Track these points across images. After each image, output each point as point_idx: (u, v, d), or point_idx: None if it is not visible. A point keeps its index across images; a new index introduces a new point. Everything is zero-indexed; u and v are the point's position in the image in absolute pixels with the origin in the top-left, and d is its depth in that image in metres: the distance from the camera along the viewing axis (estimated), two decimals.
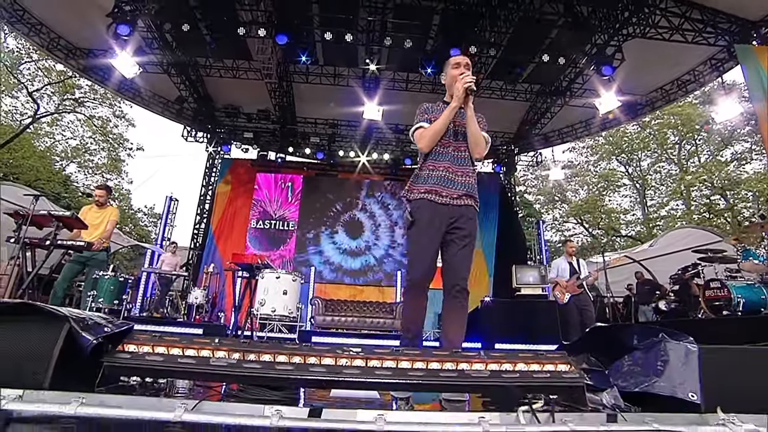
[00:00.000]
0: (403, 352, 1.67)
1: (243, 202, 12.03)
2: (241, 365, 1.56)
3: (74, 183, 18.49)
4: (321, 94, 10.93)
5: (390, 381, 1.53)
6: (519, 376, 1.57)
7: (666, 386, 1.63)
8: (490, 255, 11.76)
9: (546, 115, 11.39)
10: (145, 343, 1.64)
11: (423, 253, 2.16)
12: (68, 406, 1.25)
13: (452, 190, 2.19)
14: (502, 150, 12.89)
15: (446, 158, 2.22)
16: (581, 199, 23.77)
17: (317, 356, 1.63)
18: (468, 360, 1.67)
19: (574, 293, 5.33)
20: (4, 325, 1.44)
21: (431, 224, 2.15)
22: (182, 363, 1.55)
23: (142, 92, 10.96)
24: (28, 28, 8.69)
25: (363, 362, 1.63)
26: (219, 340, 1.68)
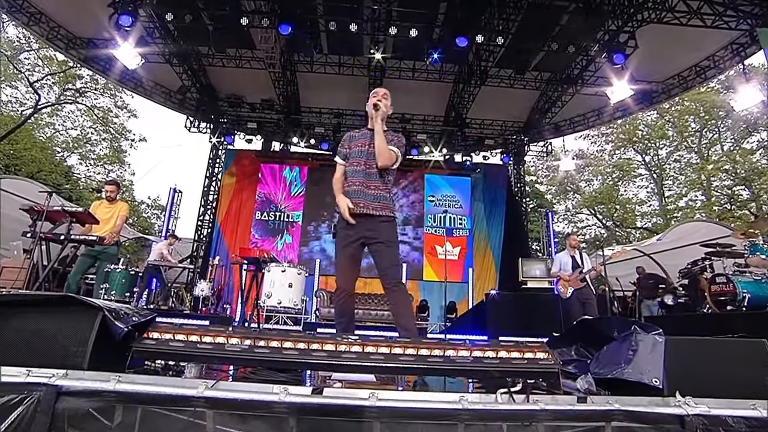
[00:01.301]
0: (396, 339, 1.94)
1: (248, 195, 12.35)
2: (253, 350, 1.83)
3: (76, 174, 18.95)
4: (325, 83, 11.12)
5: (383, 365, 1.79)
6: (499, 362, 1.82)
7: (633, 373, 1.87)
8: (497, 250, 12.00)
9: (556, 104, 11.49)
10: (167, 331, 1.92)
11: (342, 264, 2.67)
12: (108, 383, 1.53)
13: (366, 201, 2.60)
14: (512, 140, 13.00)
15: (360, 175, 2.66)
16: (595, 189, 23.76)
17: (320, 343, 1.90)
18: (455, 347, 1.92)
19: (577, 287, 5.53)
20: (50, 314, 1.73)
21: (348, 237, 2.61)
22: (201, 348, 1.82)
23: (144, 82, 11.23)
24: (27, 17, 8.91)
25: (360, 348, 1.89)
26: (232, 329, 1.95)
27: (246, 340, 1.91)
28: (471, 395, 1.65)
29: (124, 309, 1.87)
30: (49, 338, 1.71)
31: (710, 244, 6.34)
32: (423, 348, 1.91)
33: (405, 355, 1.86)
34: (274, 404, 1.55)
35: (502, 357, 1.87)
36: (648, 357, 1.89)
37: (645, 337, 1.96)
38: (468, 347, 1.92)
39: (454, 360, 1.83)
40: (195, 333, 1.92)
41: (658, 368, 1.85)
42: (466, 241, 11.83)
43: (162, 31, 9.09)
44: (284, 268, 3.99)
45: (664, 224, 20.25)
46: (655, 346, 1.92)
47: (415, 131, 12.32)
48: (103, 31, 8.74)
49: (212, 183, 12.63)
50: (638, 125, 21.96)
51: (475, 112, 11.82)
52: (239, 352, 1.81)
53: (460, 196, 12.31)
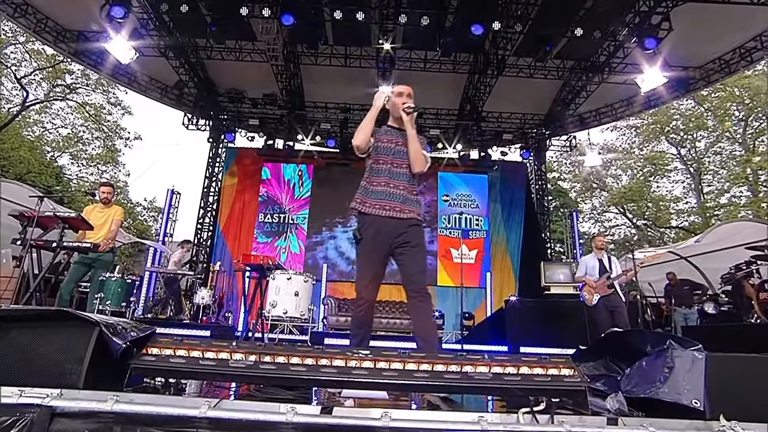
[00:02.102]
0: (410, 354, 1.94)
1: (251, 196, 12.46)
2: (258, 366, 1.85)
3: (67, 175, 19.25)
4: (332, 76, 11.16)
5: (396, 382, 1.80)
6: (521, 380, 1.81)
7: (670, 392, 1.85)
8: (516, 254, 11.95)
9: (581, 94, 11.39)
10: (167, 346, 1.95)
11: (366, 271, 2.61)
12: (105, 403, 1.56)
13: (394, 203, 2.61)
14: (531, 134, 12.92)
15: (384, 174, 2.65)
16: (624, 185, 23.48)
17: (329, 358, 1.92)
18: (473, 363, 1.92)
19: (604, 294, 5.47)
20: (43, 330, 1.77)
21: (374, 241, 2.58)
22: (203, 365, 1.85)
23: (138, 77, 11.39)
24: (12, 8, 9.02)
25: (372, 364, 1.90)
26: (236, 343, 1.97)
27: (251, 356, 1.93)
28: (491, 415, 1.65)
29: (121, 323, 1.91)
30: (44, 356, 1.74)
31: (757, 246, 6.22)
32: (439, 363, 1.91)
33: (420, 371, 1.86)
34: (281, 425, 1.57)
35: (524, 373, 1.86)
36: (686, 375, 1.87)
37: (682, 353, 1.93)
38: (487, 362, 1.92)
39: (473, 377, 1.83)
40: (197, 348, 1.95)
41: (699, 388, 1.82)
42: (484, 244, 11.79)
43: (157, 23, 9.21)
44: (290, 276, 4.01)
45: (703, 223, 19.88)
46: (695, 363, 1.89)
47: (428, 126, 12.32)
48: (94, 23, 8.88)
49: (212, 183, 12.76)
50: (672, 115, 21.58)
51: (492, 105, 11.77)
52: (244, 369, 1.84)
53: (477, 195, 12.26)
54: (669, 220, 22.78)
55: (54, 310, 1.79)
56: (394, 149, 2.68)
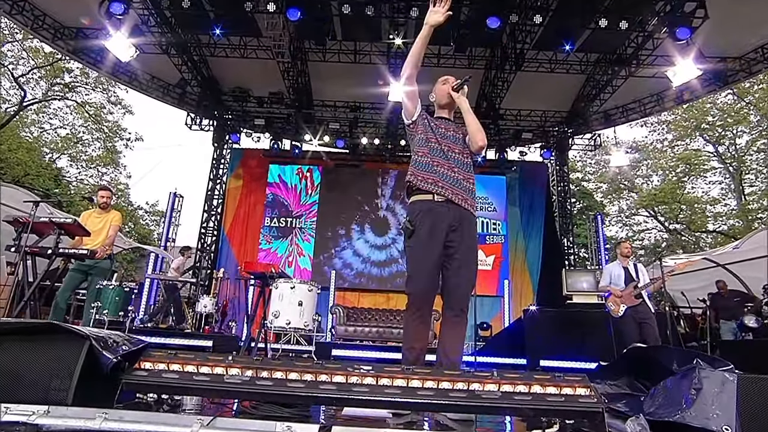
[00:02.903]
0: (413, 371, 1.93)
1: (256, 199, 12.58)
2: (254, 382, 1.87)
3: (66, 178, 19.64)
4: (340, 73, 11.21)
5: (398, 400, 1.80)
6: (532, 399, 1.80)
7: (697, 417, 1.80)
8: (536, 261, 11.85)
9: (606, 89, 11.25)
10: (160, 360, 1.98)
11: (423, 264, 2.41)
12: (93, 421, 1.59)
13: (456, 188, 2.48)
14: (553, 132, 12.81)
15: (441, 156, 2.55)
16: (654, 186, 23.11)
17: (329, 374, 1.92)
18: (481, 380, 1.91)
19: (632, 304, 5.39)
20: (32, 344, 1.81)
21: (434, 228, 2.40)
22: (197, 380, 1.87)
23: (139, 75, 11.57)
24: (9, 5, 9.21)
25: (374, 380, 1.90)
26: (232, 358, 1.99)
27: (248, 371, 1.95)
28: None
29: (113, 337, 1.94)
30: (32, 371, 1.78)
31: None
32: (444, 381, 1.91)
33: (424, 389, 1.86)
34: None
35: (535, 393, 1.85)
36: (715, 398, 1.83)
37: (711, 374, 1.89)
38: (496, 380, 1.91)
39: (480, 395, 1.82)
40: (191, 363, 1.97)
41: (729, 413, 1.78)
42: (501, 249, 11.72)
43: (158, 19, 9.37)
44: (293, 284, 4.03)
45: (745, 227, 19.39)
46: (725, 385, 1.84)
47: None
48: (93, 19, 9.04)
49: (216, 186, 12.90)
50: (708, 110, 21.14)
51: (511, 102, 11.70)
52: (239, 385, 1.85)
53: (494, 197, 12.19)
54: (705, 224, 22.32)
55: (43, 323, 1.83)
56: (446, 134, 2.63)
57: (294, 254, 11.89)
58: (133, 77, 11.57)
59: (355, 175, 12.35)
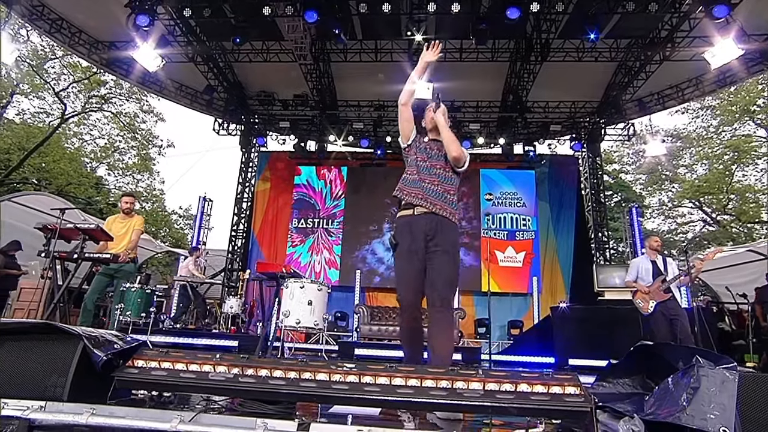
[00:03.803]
0: (397, 368, 1.93)
1: (284, 201, 12.81)
2: (238, 380, 1.91)
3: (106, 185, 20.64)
4: (363, 72, 11.26)
5: (378, 398, 1.80)
6: (515, 398, 1.76)
7: (694, 418, 1.72)
8: (567, 256, 11.54)
9: (639, 76, 10.85)
10: (153, 358, 2.06)
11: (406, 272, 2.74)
12: (81, 416, 1.67)
13: (431, 197, 2.80)
14: (583, 123, 12.43)
15: (423, 171, 2.90)
16: (699, 176, 22.02)
17: (312, 371, 1.95)
18: (466, 378, 1.89)
19: (661, 299, 5.16)
20: (30, 343, 1.91)
21: (411, 239, 2.74)
22: (184, 378, 1.93)
23: (168, 84, 12.00)
24: (48, 24, 9.83)
25: (357, 378, 1.91)
26: (220, 356, 2.05)
27: (234, 369, 2.00)
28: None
29: (107, 336, 2.03)
30: (30, 368, 1.89)
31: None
32: (428, 379, 1.90)
33: (406, 386, 1.86)
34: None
35: (520, 391, 1.81)
36: (713, 398, 1.73)
37: (709, 372, 1.80)
38: (481, 378, 1.88)
39: (462, 394, 1.80)
40: (181, 361, 2.04)
41: (729, 414, 1.68)
42: (532, 245, 11.47)
43: (183, 29, 9.69)
44: (303, 284, 4.09)
45: None
46: (725, 384, 1.75)
47: (467, 120, 12.17)
48: (123, 32, 9.45)
49: (245, 189, 13.22)
50: (760, 91, 19.93)
51: (538, 94, 11.46)
52: (223, 382, 1.90)
53: (523, 192, 11.95)
54: (759, 214, 21.07)
55: (40, 323, 1.93)
56: (432, 153, 2.96)
57: (322, 254, 12.03)
58: (163, 86, 12.00)
59: (380, 174, 12.35)
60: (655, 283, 5.28)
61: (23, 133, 16.55)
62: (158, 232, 21.71)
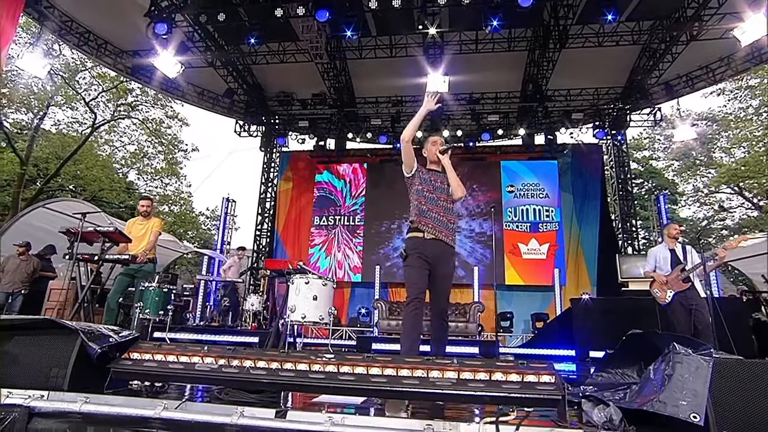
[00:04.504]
0: (374, 358, 1.99)
1: (307, 199, 13.01)
2: (221, 370, 2.01)
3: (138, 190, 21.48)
4: (380, 68, 11.30)
5: (353, 386, 1.86)
6: (486, 386, 1.79)
7: (666, 404, 1.71)
8: (592, 247, 11.29)
9: (665, 58, 10.48)
10: (147, 351, 2.18)
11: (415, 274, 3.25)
12: (75, 404, 1.80)
13: (445, 230, 3.33)
14: (607, 110, 12.11)
15: (433, 203, 3.37)
16: (738, 159, 21.05)
17: (294, 362, 2.03)
18: (442, 368, 1.93)
19: (679, 289, 5.01)
20: (32, 338, 2.06)
21: (421, 256, 3.24)
22: (172, 368, 2.05)
23: (190, 89, 12.36)
24: (77, 38, 10.33)
25: (335, 368, 1.98)
26: (208, 348, 2.15)
27: (220, 360, 2.10)
28: (439, 423, 1.65)
29: (103, 331, 2.16)
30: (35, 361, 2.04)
31: None
32: (405, 368, 1.94)
33: (381, 376, 1.91)
34: (225, 426, 1.71)
35: (492, 380, 1.84)
36: (686, 384, 1.72)
37: (684, 359, 1.79)
38: (456, 368, 1.92)
39: (435, 383, 1.84)
40: (173, 353, 2.15)
41: (700, 400, 1.67)
42: (556, 237, 11.27)
43: (202, 34, 9.96)
44: (308, 280, 4.19)
45: None
46: (699, 370, 1.73)
47: (485, 112, 12.04)
48: (145, 41, 9.79)
49: (268, 189, 13.50)
50: None
51: (559, 82, 11.26)
52: (207, 372, 2.00)
53: (546, 183, 11.74)
54: None
55: (41, 319, 2.08)
56: (436, 185, 3.42)
57: (344, 251, 12.15)
58: (185, 91, 12.36)
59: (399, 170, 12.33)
60: (674, 272, 5.12)
61: (59, 142, 17.47)
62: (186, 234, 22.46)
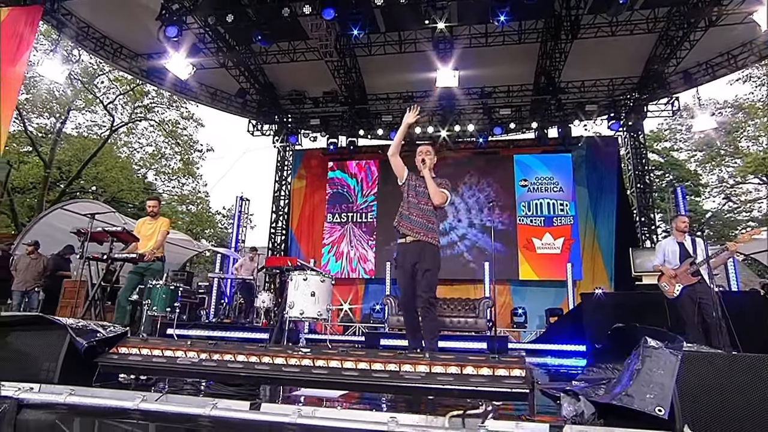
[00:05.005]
0: (348, 352, 2.03)
1: (320, 197, 13.12)
2: (201, 364, 2.08)
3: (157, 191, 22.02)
4: (390, 64, 11.30)
5: (324, 380, 1.91)
6: (454, 380, 1.81)
7: (634, 398, 1.71)
8: (609, 241, 11.09)
9: (682, 45, 10.18)
10: (134, 345, 2.27)
11: (401, 281, 3.76)
12: (60, 396, 1.89)
13: (418, 228, 3.70)
14: (623, 101, 11.86)
15: (414, 206, 3.77)
16: (765, 148, 20.38)
17: (271, 356, 2.09)
18: (414, 362, 1.96)
19: (688, 283, 4.92)
20: (26, 333, 2.17)
21: (404, 259, 3.70)
22: (155, 362, 2.13)
23: (203, 90, 12.57)
24: (93, 43, 10.62)
25: (311, 362, 2.03)
26: (191, 342, 2.23)
27: (202, 354, 2.17)
28: (404, 416, 1.69)
29: (92, 327, 2.25)
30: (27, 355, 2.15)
31: None
32: (377, 362, 1.98)
33: (353, 369, 1.95)
34: (198, 417, 1.77)
35: (462, 374, 1.86)
36: (654, 378, 1.72)
37: (653, 352, 1.79)
38: (428, 362, 1.95)
39: (404, 376, 1.87)
40: (158, 347, 2.24)
41: (666, 393, 1.66)
42: (570, 231, 11.12)
43: (212, 36, 10.13)
44: (306, 276, 4.25)
45: None
46: (666, 364, 1.73)
47: (497, 106, 11.93)
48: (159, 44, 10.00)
49: (282, 188, 13.66)
50: None
51: (572, 74, 11.09)
52: (188, 366, 2.08)
53: (560, 176, 11.58)
54: None
55: (33, 315, 2.18)
56: (418, 190, 3.81)
57: (357, 248, 12.22)
58: (198, 92, 12.56)
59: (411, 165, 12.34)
60: (683, 265, 5.03)
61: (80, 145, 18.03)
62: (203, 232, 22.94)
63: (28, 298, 7.24)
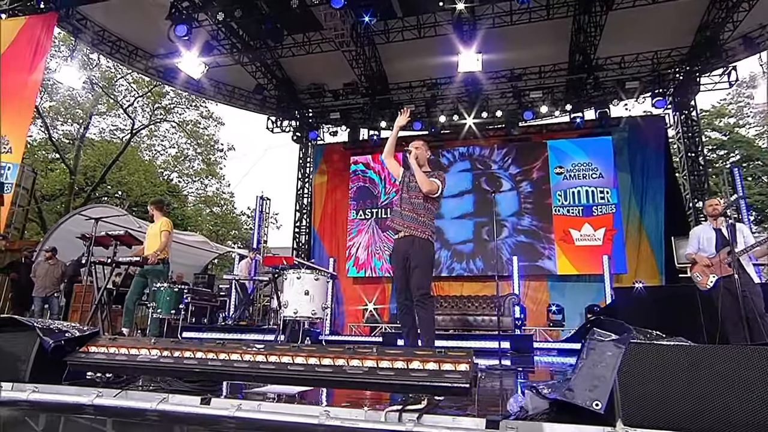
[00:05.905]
0: (300, 348, 2.15)
1: (342, 193, 13.26)
2: (158, 361, 2.25)
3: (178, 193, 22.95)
4: (410, 50, 11.32)
5: (271, 375, 2.04)
6: (395, 375, 1.90)
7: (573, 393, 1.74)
8: (658, 230, 10.67)
9: (741, 6, 9.60)
10: (102, 344, 2.48)
11: (396, 278, 3.97)
12: (23, 393, 2.11)
13: (407, 222, 3.83)
14: (669, 76, 11.39)
15: (405, 201, 3.94)
16: None
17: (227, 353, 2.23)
18: (362, 357, 2.06)
19: (724, 274, 4.72)
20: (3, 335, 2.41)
21: (397, 257, 3.87)
22: (117, 360, 2.32)
23: (220, 88, 13.01)
24: (109, 46, 11.23)
25: (264, 357, 2.16)
26: (155, 341, 2.41)
27: (164, 351, 2.35)
28: (337, 410, 1.79)
29: (60, 327, 2.47)
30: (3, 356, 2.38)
31: None
32: (327, 357, 2.09)
33: (301, 365, 2.07)
34: (147, 412, 1.94)
35: (407, 368, 1.94)
36: (595, 371, 1.74)
37: (597, 345, 1.81)
38: (376, 356, 2.04)
39: (346, 371, 1.97)
40: (124, 346, 2.44)
41: (605, 387, 1.68)
42: (613, 220, 10.78)
43: (226, 32, 10.48)
44: (300, 275, 4.40)
45: None
46: (608, 357, 1.74)
47: (528, 89, 11.72)
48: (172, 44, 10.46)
49: (305, 185, 13.95)
50: None
51: (610, 49, 10.76)
52: (146, 363, 2.26)
53: (599, 162, 11.24)
54: None
55: (4, 318, 2.42)
56: (410, 185, 3.99)
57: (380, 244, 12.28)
58: (216, 91, 13.01)
59: (436, 155, 12.33)
60: (720, 254, 4.83)
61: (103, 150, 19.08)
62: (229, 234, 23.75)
63: (49, 304, 7.80)
